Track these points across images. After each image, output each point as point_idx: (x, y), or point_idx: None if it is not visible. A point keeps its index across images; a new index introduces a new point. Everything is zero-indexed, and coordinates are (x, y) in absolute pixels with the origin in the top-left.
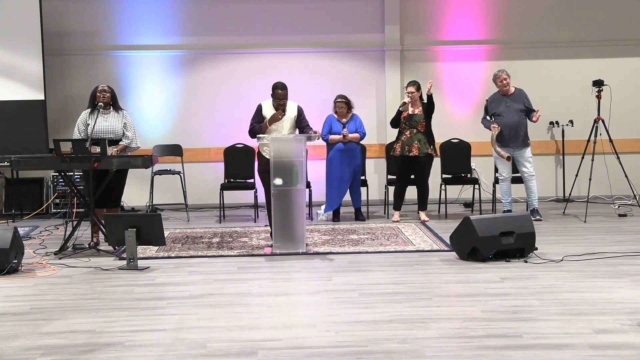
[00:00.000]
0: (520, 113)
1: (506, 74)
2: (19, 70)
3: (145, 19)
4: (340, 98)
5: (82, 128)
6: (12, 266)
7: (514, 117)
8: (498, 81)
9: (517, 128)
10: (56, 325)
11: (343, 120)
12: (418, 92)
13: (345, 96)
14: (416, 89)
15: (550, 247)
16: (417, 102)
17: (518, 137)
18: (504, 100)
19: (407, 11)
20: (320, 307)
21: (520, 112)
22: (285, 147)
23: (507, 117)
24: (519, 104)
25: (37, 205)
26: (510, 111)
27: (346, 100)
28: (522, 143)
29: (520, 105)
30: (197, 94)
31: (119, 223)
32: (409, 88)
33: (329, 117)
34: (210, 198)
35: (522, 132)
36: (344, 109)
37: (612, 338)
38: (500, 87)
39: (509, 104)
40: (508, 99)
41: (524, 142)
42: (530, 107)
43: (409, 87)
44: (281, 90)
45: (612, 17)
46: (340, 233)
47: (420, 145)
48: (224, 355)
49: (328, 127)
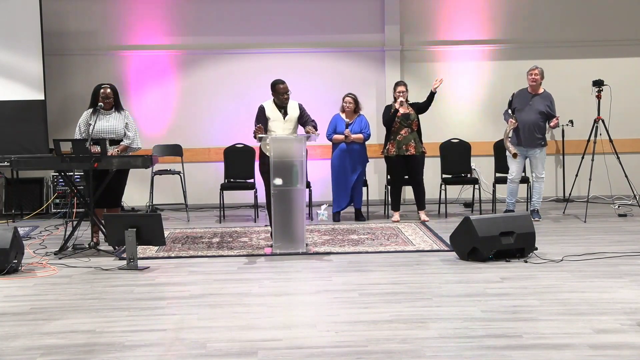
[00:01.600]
0: (540, 114)
1: (539, 72)
2: (19, 70)
3: (145, 19)
4: (349, 94)
5: (83, 128)
6: (12, 266)
7: (532, 116)
8: (529, 75)
9: (532, 127)
10: (56, 325)
11: (348, 120)
12: (407, 92)
13: (354, 94)
14: (405, 89)
15: (550, 247)
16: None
17: (532, 137)
18: (529, 97)
19: (407, 11)
20: (320, 307)
21: (540, 114)
22: (285, 147)
23: (526, 114)
24: (542, 105)
25: (37, 205)
26: (530, 109)
27: (355, 98)
28: (536, 144)
29: (542, 107)
30: (197, 94)
31: (119, 223)
32: (399, 88)
33: (335, 116)
34: (210, 198)
35: (537, 133)
36: (352, 106)
37: (612, 338)
38: (529, 82)
39: (532, 102)
40: (533, 98)
41: (539, 143)
42: (551, 113)
43: (399, 87)
44: (282, 84)
45: (612, 17)
46: (340, 233)
47: (415, 144)
48: (224, 355)
49: (333, 127)
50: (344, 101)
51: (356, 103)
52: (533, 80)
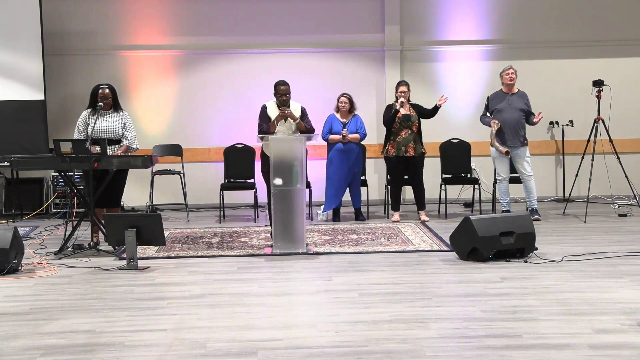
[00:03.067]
0: (521, 112)
1: (514, 71)
2: (19, 70)
3: (145, 19)
4: (344, 94)
5: (82, 128)
6: (12, 266)
7: (514, 114)
8: (505, 75)
9: (516, 126)
10: (56, 325)
11: (344, 120)
12: (409, 92)
13: (349, 94)
14: (407, 88)
15: (550, 247)
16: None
17: (517, 136)
18: (507, 97)
19: (407, 11)
20: (320, 307)
21: (521, 111)
22: (285, 147)
23: (508, 114)
24: (521, 103)
25: (37, 205)
26: (511, 109)
27: (350, 97)
28: (521, 142)
29: (522, 104)
30: (197, 94)
31: (119, 223)
32: (401, 88)
33: (330, 116)
34: (210, 198)
35: (521, 131)
36: (347, 105)
37: (612, 338)
38: (505, 81)
39: (511, 101)
40: (510, 97)
41: (523, 141)
42: (530, 110)
43: (401, 87)
44: (282, 85)
45: (612, 17)
46: (340, 233)
47: (415, 145)
48: (224, 355)
49: (328, 127)
50: (339, 101)
51: (351, 103)
52: (510, 80)
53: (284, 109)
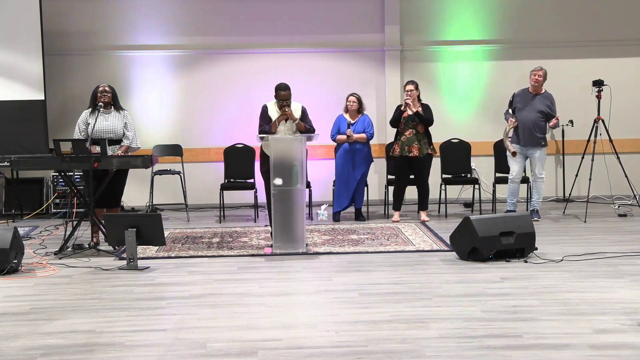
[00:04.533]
0: (540, 114)
1: (543, 73)
2: (19, 70)
3: (145, 19)
4: (353, 94)
5: (82, 127)
6: (12, 266)
7: (531, 115)
8: (532, 75)
9: (531, 127)
10: (56, 325)
11: (351, 120)
12: (417, 91)
13: (358, 94)
14: (415, 87)
15: (550, 247)
16: (416, 100)
17: (532, 136)
18: (530, 96)
19: (407, 11)
20: (320, 307)
21: (540, 113)
22: (285, 147)
23: (525, 114)
24: (542, 105)
25: (37, 205)
26: (530, 109)
27: (359, 97)
28: (536, 143)
29: (543, 106)
30: (197, 94)
31: (119, 223)
32: (408, 87)
33: (339, 117)
34: (210, 198)
35: (537, 132)
36: (355, 105)
37: (612, 338)
38: (532, 81)
39: (533, 102)
40: (535, 97)
41: (539, 143)
42: (551, 113)
43: (408, 86)
44: (283, 91)
45: (612, 17)
46: (340, 233)
47: (420, 145)
48: (224, 355)
49: (337, 127)
50: (348, 100)
51: (360, 103)
52: (536, 81)
53: (285, 107)
